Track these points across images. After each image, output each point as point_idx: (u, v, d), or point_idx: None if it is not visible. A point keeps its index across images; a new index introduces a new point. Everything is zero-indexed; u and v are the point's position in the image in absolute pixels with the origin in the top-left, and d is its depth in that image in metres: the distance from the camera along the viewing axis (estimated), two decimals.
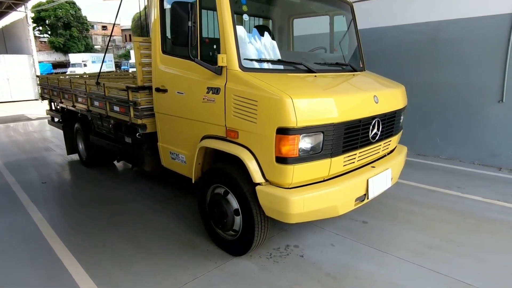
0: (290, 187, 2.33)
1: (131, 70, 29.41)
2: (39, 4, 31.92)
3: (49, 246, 3.02)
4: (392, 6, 5.70)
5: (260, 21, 3.94)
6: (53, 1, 32.70)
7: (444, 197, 3.97)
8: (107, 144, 4.48)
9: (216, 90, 2.57)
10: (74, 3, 36.69)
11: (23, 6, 17.46)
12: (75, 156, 5.90)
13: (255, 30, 2.95)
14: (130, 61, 35.01)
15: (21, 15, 18.20)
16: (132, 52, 36.75)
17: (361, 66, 3.59)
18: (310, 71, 2.77)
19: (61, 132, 6.10)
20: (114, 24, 4.08)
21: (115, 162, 5.56)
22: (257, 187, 2.39)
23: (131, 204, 3.95)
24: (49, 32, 37.52)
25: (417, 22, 5.46)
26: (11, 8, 17.51)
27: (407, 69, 5.61)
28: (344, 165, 2.56)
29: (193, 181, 3.00)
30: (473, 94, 5.09)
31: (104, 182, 4.77)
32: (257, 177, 2.37)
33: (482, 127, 5.09)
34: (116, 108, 3.83)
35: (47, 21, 36.45)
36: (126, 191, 4.39)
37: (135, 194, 4.25)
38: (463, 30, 5.02)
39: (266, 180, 2.38)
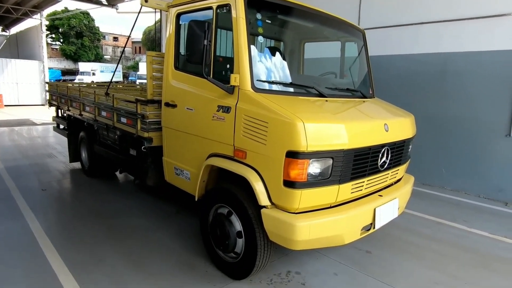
0: (296, 212, 2.27)
1: (138, 81, 29.85)
2: (54, 13, 32.74)
3: (45, 257, 2.94)
4: (402, 35, 5.78)
5: (272, 43, 3.99)
6: (68, 11, 33.53)
7: (450, 230, 3.88)
8: (111, 155, 4.46)
9: (226, 109, 2.56)
10: (88, 14, 37.58)
11: (38, 14, 17.90)
12: (77, 165, 5.86)
13: (267, 51, 2.97)
14: (138, 72, 35.49)
15: (36, 22, 18.63)
16: (140, 64, 37.36)
17: (371, 92, 3.59)
18: (321, 95, 2.76)
19: (64, 139, 6.09)
20: (129, 36, 4.14)
21: (117, 173, 5.52)
22: (263, 210, 2.33)
23: (131, 218, 3.87)
24: (61, 40, 38.27)
25: (427, 52, 5.52)
26: (27, 15, 17.95)
27: (415, 98, 5.62)
28: (352, 192, 2.51)
29: (196, 199, 2.95)
30: (480, 127, 5.07)
31: (104, 193, 4.71)
32: (263, 199, 2.32)
33: (488, 161, 5.04)
34: (123, 120, 3.82)
35: (60, 29, 37.27)
36: (126, 204, 4.32)
37: (135, 209, 4.18)
38: (472, 63, 5.06)
39: (272, 203, 2.33)
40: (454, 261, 3.17)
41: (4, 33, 22.69)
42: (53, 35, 37.60)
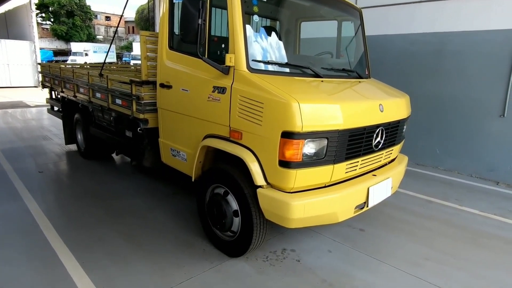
0: (291, 191, 2.32)
1: (132, 62, 29.35)
2: None
3: (45, 237, 2.99)
4: (399, 14, 5.70)
5: (268, 22, 3.92)
6: None
7: (442, 208, 3.98)
8: (107, 137, 4.45)
9: (222, 90, 2.55)
10: None
11: None
12: (73, 147, 5.86)
13: (263, 31, 2.93)
14: (132, 53, 34.83)
15: (24, 0, 18.04)
16: (134, 44, 36.62)
17: (367, 73, 3.59)
18: (316, 75, 2.75)
19: (59, 121, 6.05)
20: (121, 16, 4.05)
21: (114, 155, 5.53)
22: (259, 190, 2.37)
23: (128, 199, 3.92)
24: (52, 20, 37.25)
25: (423, 32, 5.46)
26: None
27: (410, 78, 5.62)
28: (346, 172, 2.55)
29: (193, 180, 2.98)
30: (475, 108, 5.10)
31: (101, 175, 4.74)
32: (259, 179, 2.36)
33: (482, 141, 5.11)
34: (118, 101, 3.80)
35: (50, 8, 36.19)
36: (123, 185, 4.36)
37: (132, 190, 4.22)
38: (468, 43, 5.03)
39: (268, 183, 2.37)
40: (445, 238, 3.27)
41: None
42: (43, 14, 36.55)
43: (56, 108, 6.06)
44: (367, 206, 2.69)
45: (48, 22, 37.72)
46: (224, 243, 2.84)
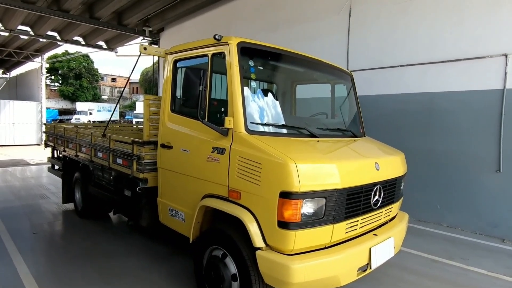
0: (291, 253, 2.26)
1: (134, 120, 30.19)
2: (55, 56, 33.74)
3: None
4: (388, 76, 6.06)
5: (265, 85, 4.16)
6: (69, 53, 34.64)
7: (447, 268, 3.83)
8: (106, 196, 4.43)
9: (221, 150, 2.63)
10: (88, 56, 38.81)
11: (39, 57, 18.47)
12: (70, 206, 5.79)
13: (260, 93, 3.11)
14: (134, 111, 36.06)
15: (36, 65, 19.17)
16: (137, 104, 38.03)
17: (361, 131, 3.71)
18: (312, 135, 2.86)
19: (57, 179, 6.06)
20: (128, 79, 4.30)
21: (111, 215, 5.44)
22: (257, 252, 2.32)
23: (124, 260, 3.78)
24: (60, 81, 39.13)
25: (412, 92, 5.76)
26: (28, 58, 18.51)
27: (403, 136, 5.77)
28: (346, 232, 2.52)
29: (190, 241, 2.92)
30: (471, 163, 5.17)
31: (97, 235, 4.62)
32: (257, 241, 2.32)
33: (480, 196, 5.09)
34: (119, 161, 3.86)
35: (60, 71, 38.25)
36: (119, 246, 4.23)
37: (127, 249, 4.09)
38: (457, 102, 5.27)
39: (267, 245, 2.33)
40: None
41: (4, 75, 23.23)
42: (52, 77, 38.50)
43: (56, 167, 6.12)
44: (370, 268, 2.60)
45: (56, 84, 39.58)
46: None
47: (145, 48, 3.34)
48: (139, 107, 34.51)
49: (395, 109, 5.98)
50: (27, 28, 12.56)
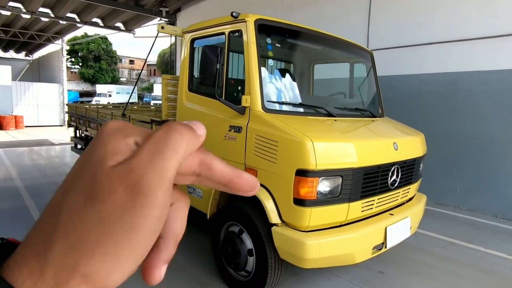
0: (306, 230, 2.30)
1: (152, 102, 30.56)
2: (74, 38, 34.25)
3: None
4: (411, 55, 5.85)
5: (282, 65, 4.11)
6: (88, 36, 35.09)
7: (466, 251, 3.79)
8: None
9: (238, 129, 2.65)
10: (106, 38, 39.16)
11: (60, 40, 18.83)
12: None
13: (277, 73, 3.09)
14: (152, 93, 36.44)
15: (57, 47, 19.58)
16: (155, 86, 38.39)
17: (380, 112, 3.64)
18: (330, 115, 2.83)
19: None
20: (145, 61, 4.34)
21: None
22: (273, 228, 2.36)
23: None
24: (80, 64, 39.83)
25: (435, 72, 5.56)
26: (49, 40, 18.90)
27: (426, 117, 5.62)
28: (362, 211, 2.52)
29: (208, 217, 3.00)
30: (493, 145, 5.01)
31: None
32: (273, 217, 2.36)
33: (504, 179, 4.94)
34: None
35: (79, 53, 38.87)
36: None
37: None
38: (480, 82, 5.06)
39: (283, 222, 2.37)
40: (471, 283, 3.09)
41: (27, 57, 23.87)
42: (73, 59, 39.20)
43: (79, 146, 6.33)
44: (386, 247, 2.61)
45: (77, 66, 40.32)
46: (239, 283, 2.77)
47: (162, 27, 3.35)
48: (157, 89, 34.82)
49: (416, 90, 5.80)
50: (48, 10, 12.75)
